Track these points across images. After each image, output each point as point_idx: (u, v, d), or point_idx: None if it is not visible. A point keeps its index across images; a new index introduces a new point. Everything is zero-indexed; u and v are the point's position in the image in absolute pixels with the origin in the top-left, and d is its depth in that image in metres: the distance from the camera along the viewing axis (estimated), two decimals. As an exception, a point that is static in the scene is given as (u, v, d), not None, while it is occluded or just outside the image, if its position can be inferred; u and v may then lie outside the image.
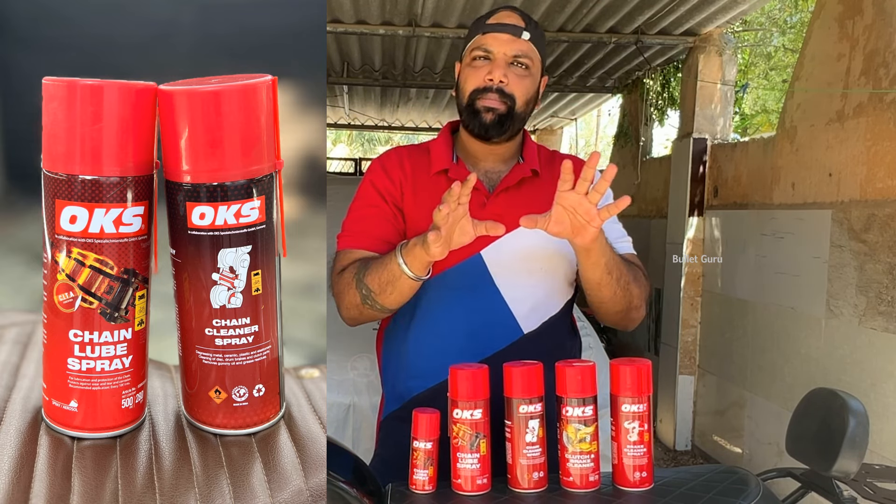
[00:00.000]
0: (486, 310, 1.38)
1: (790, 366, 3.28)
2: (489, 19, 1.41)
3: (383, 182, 1.43)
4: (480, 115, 1.37)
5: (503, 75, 1.36)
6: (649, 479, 1.15)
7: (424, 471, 1.14)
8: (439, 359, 1.35)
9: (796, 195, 3.28)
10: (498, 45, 1.37)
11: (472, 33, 1.43)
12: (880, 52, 2.73)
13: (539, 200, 1.41)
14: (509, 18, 1.40)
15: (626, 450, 1.14)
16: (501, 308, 1.39)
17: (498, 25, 1.38)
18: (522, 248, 1.39)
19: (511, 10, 1.42)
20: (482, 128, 1.38)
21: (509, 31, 1.37)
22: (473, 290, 1.37)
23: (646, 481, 1.14)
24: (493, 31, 1.38)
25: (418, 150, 1.49)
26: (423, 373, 1.39)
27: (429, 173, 1.43)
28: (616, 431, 1.15)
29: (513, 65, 1.38)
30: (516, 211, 1.39)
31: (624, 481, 1.15)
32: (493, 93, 1.36)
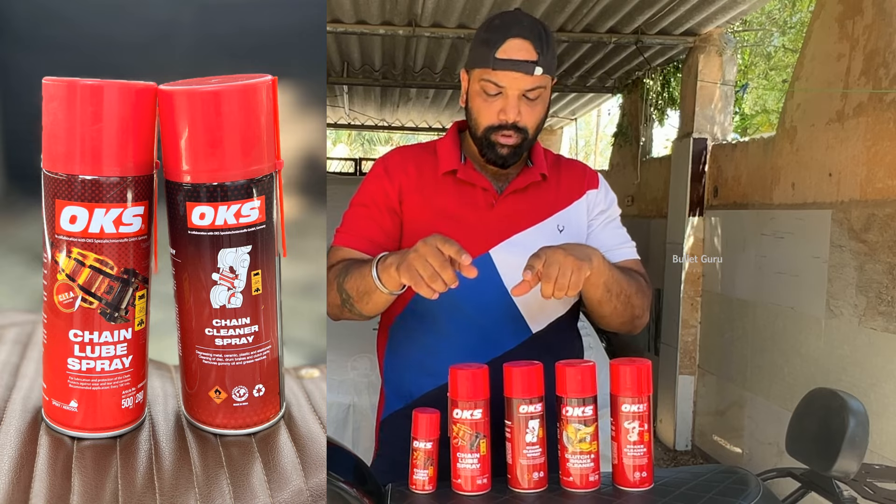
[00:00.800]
0: (495, 310, 1.39)
1: (790, 366, 3.28)
2: (500, 49, 1.33)
3: (382, 183, 1.44)
4: (496, 149, 1.37)
5: (517, 114, 1.35)
6: (649, 479, 1.15)
7: (424, 471, 1.14)
8: (448, 357, 1.35)
9: (796, 195, 3.28)
10: (510, 81, 1.33)
11: (481, 54, 1.36)
12: (880, 52, 2.73)
13: (545, 202, 1.44)
14: (521, 52, 1.33)
15: (626, 450, 1.14)
16: (510, 308, 1.39)
17: (509, 63, 1.32)
18: (530, 249, 1.39)
19: (523, 39, 1.34)
20: (500, 159, 1.38)
21: (521, 70, 1.32)
22: (482, 289, 1.37)
23: (646, 481, 1.14)
24: (504, 69, 1.32)
25: (424, 150, 1.49)
26: (433, 370, 1.39)
27: (436, 174, 1.43)
28: (616, 431, 1.15)
29: (524, 96, 1.35)
30: (523, 213, 1.42)
31: (624, 481, 1.15)
32: (507, 129, 1.36)
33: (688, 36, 4.28)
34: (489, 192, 1.41)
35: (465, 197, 1.42)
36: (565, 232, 1.43)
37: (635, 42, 4.32)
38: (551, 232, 1.42)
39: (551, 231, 1.42)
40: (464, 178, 1.41)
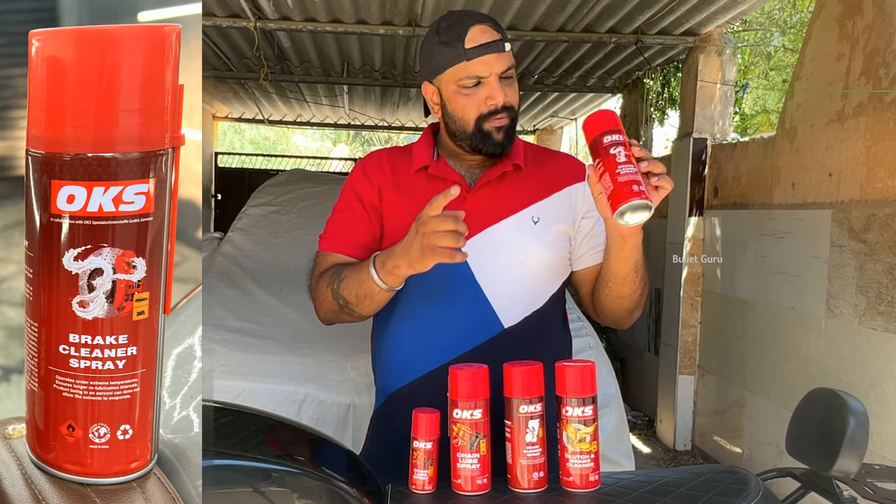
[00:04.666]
0: (466, 304, 1.38)
1: (790, 366, 3.28)
2: (465, 41, 1.34)
3: (362, 184, 1.45)
4: (492, 136, 1.36)
5: (503, 95, 1.35)
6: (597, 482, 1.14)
7: (424, 471, 1.14)
8: (418, 354, 1.37)
9: (796, 195, 3.28)
10: (487, 67, 1.34)
11: (447, 56, 1.35)
12: (880, 52, 2.73)
13: (520, 194, 1.42)
14: (486, 35, 1.34)
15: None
16: (481, 302, 1.38)
17: (481, 48, 1.33)
18: (502, 242, 1.39)
19: (483, 24, 1.36)
20: (499, 146, 1.37)
21: (493, 50, 1.34)
22: (453, 284, 1.37)
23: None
24: (478, 55, 1.33)
25: (400, 152, 1.50)
26: (400, 368, 1.40)
27: (408, 172, 1.44)
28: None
29: (503, 78, 1.36)
30: (496, 205, 1.41)
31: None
32: (500, 112, 1.36)
33: (688, 36, 4.28)
34: (461, 186, 1.40)
35: (436, 192, 1.40)
36: (541, 223, 1.41)
37: (635, 42, 4.31)
38: (525, 223, 1.40)
39: (525, 222, 1.40)
40: (435, 174, 1.41)
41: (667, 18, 4.02)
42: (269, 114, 7.95)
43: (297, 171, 5.98)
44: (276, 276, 3.13)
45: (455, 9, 3.94)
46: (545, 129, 8.25)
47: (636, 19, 4.09)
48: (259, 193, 3.90)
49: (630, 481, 1.18)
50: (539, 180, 1.44)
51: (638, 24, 4.17)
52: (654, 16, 4.00)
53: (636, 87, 5.37)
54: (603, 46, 4.62)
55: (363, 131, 11.68)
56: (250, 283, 3.13)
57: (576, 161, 1.53)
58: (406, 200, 1.40)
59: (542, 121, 7.81)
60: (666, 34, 4.27)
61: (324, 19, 4.27)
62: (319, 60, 5.37)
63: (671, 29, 4.21)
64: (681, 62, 4.63)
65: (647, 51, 4.62)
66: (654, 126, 5.24)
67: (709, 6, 3.84)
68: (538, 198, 1.42)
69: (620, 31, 4.28)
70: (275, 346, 2.47)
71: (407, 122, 8.06)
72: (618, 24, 4.18)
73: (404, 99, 6.84)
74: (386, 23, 4.28)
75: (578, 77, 5.53)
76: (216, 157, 8.47)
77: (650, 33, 4.26)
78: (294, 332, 2.58)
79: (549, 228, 1.41)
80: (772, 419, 3.42)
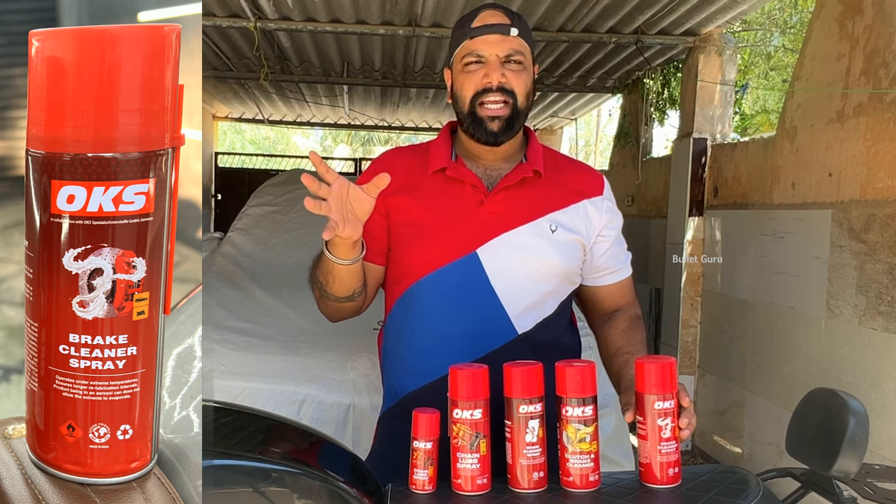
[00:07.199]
0: (481, 309, 1.38)
1: (790, 366, 3.28)
2: (473, 21, 1.37)
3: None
4: (486, 124, 1.36)
5: (501, 76, 1.35)
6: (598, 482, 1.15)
7: (424, 471, 1.14)
8: (434, 357, 1.36)
9: (796, 195, 3.28)
10: (488, 47, 1.35)
11: (457, 38, 1.40)
12: (880, 52, 2.73)
13: (538, 201, 1.41)
14: (494, 17, 1.37)
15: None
16: (496, 308, 1.38)
17: (484, 28, 1.35)
18: (519, 248, 1.39)
19: (493, 9, 1.39)
20: (490, 136, 1.37)
21: (497, 31, 1.35)
22: (469, 288, 1.37)
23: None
24: (480, 34, 1.35)
25: (417, 151, 1.49)
26: (418, 370, 1.39)
27: (425, 173, 1.42)
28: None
29: (507, 63, 1.36)
30: (514, 210, 1.40)
31: (652, 479, 1.14)
32: (493, 93, 1.35)
33: (688, 36, 4.28)
34: (478, 190, 1.39)
35: (453, 194, 1.40)
36: (558, 232, 1.40)
37: (635, 42, 4.31)
38: (543, 232, 1.40)
39: (543, 231, 1.40)
40: (453, 176, 1.40)
41: (667, 18, 4.02)
42: (269, 114, 7.95)
43: (298, 171, 5.98)
44: (276, 276, 3.13)
45: (455, 9, 3.94)
46: (545, 129, 8.25)
47: (636, 19, 4.09)
48: (259, 193, 3.90)
49: (630, 481, 1.18)
50: (558, 189, 1.44)
51: (638, 24, 4.17)
52: (654, 16, 4.00)
53: (636, 87, 5.37)
54: (603, 46, 4.62)
55: (363, 131, 11.68)
56: (250, 283, 3.13)
57: (595, 174, 1.52)
58: (420, 201, 1.39)
59: (542, 121, 7.81)
60: (666, 34, 4.27)
61: (324, 19, 4.27)
62: (319, 60, 5.37)
63: (671, 29, 4.21)
64: (681, 62, 4.63)
65: (647, 51, 4.62)
66: (654, 126, 5.24)
67: (709, 6, 3.84)
68: (556, 207, 1.42)
69: (620, 31, 4.28)
70: (275, 346, 2.47)
71: (407, 122, 8.07)
72: (618, 24, 4.18)
73: (404, 99, 6.84)
74: (386, 23, 4.28)
75: (578, 77, 5.53)
76: (216, 157, 8.48)
77: (650, 33, 4.26)
78: (294, 332, 2.58)
79: (566, 237, 1.40)
80: (772, 419, 3.42)
